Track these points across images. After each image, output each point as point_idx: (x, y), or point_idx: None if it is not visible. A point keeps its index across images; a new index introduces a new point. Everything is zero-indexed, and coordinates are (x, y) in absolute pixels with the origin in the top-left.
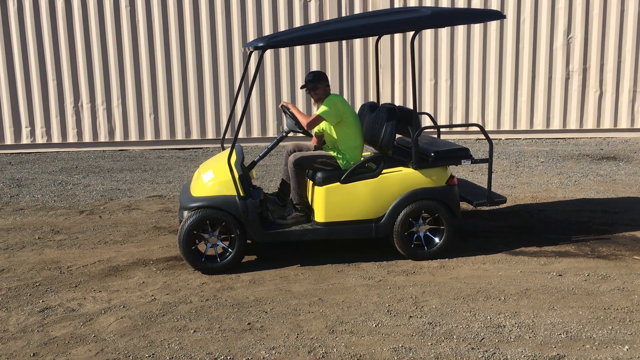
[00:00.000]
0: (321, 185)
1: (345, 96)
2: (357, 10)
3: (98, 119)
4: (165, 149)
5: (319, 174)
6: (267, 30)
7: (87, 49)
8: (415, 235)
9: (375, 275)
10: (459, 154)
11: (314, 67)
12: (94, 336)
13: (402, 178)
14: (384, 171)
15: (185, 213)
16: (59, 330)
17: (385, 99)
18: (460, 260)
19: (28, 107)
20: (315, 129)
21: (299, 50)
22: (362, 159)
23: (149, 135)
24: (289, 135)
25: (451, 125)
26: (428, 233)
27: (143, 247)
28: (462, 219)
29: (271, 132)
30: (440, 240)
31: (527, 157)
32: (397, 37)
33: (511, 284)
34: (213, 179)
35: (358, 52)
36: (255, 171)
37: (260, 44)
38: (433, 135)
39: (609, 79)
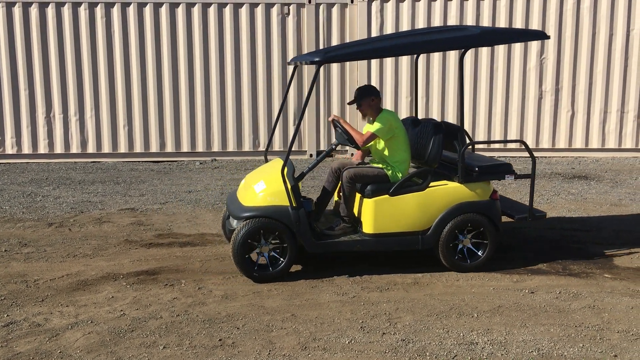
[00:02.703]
0: (370, 198)
1: None
2: (335, 24)
3: (70, 130)
4: (139, 161)
5: (369, 187)
6: (245, 44)
7: (60, 58)
8: (459, 247)
9: (349, 291)
10: (503, 169)
11: (365, 81)
12: (60, 352)
13: (448, 191)
14: (431, 184)
15: (235, 222)
16: (23, 346)
17: (422, 114)
18: (434, 276)
19: None
20: None
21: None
22: (408, 172)
23: (123, 148)
24: (337, 148)
25: (493, 141)
26: (470, 246)
27: (113, 261)
28: None
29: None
30: (483, 253)
31: None
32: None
33: (484, 301)
34: (265, 189)
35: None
36: (301, 183)
37: (317, 59)
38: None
39: (581, 100)
